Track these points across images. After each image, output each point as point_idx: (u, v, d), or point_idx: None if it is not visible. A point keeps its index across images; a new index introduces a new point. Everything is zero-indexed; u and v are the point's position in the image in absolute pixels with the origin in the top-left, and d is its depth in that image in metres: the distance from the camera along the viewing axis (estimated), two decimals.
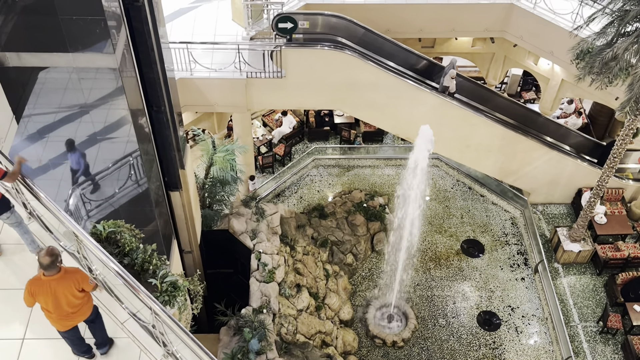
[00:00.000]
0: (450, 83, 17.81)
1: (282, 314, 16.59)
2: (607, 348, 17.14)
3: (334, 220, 20.01)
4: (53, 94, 10.55)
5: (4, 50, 9.68)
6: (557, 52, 17.94)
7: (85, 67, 10.18)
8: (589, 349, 17.10)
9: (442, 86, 17.97)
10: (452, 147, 18.83)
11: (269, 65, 16.63)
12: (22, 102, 10.16)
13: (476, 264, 19.64)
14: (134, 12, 10.33)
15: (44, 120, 10.71)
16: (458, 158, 20.42)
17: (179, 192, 13.84)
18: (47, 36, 9.72)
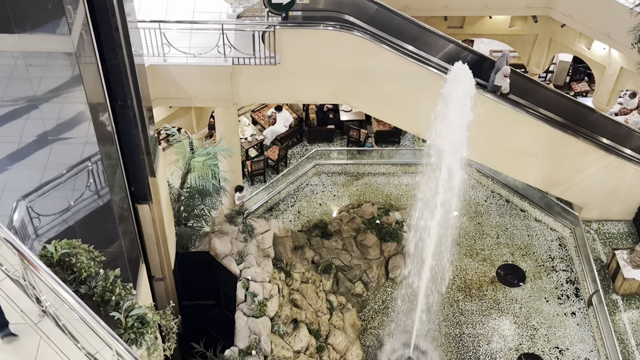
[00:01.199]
0: (504, 82, 17.88)
1: (276, 356, 16.57)
2: None
3: (340, 241, 20.00)
4: None
5: None
6: (614, 34, 18.00)
7: (34, 51, 10.21)
8: None
9: (492, 85, 18.01)
10: (486, 150, 18.74)
11: (259, 50, 16.65)
12: None
13: (515, 295, 19.61)
14: None
15: None
16: (493, 164, 20.40)
17: (149, 204, 13.87)
18: None
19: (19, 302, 8.27)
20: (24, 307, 8.23)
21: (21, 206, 11.00)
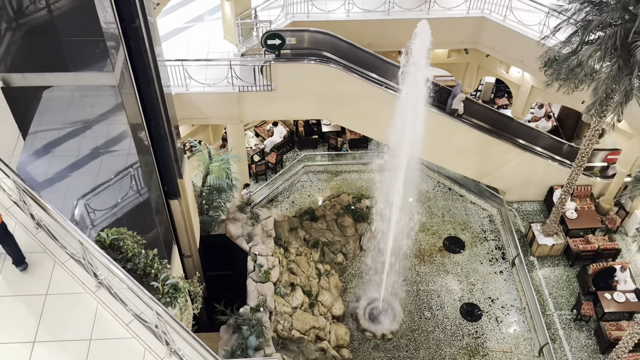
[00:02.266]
0: (459, 105, 18.01)
1: (278, 311, 16.59)
2: (581, 334, 17.26)
3: (324, 223, 20.03)
4: (57, 111, 10.54)
5: (10, 71, 9.67)
6: (526, 60, 18.06)
7: (86, 85, 10.19)
8: (565, 335, 17.22)
9: (450, 109, 18.13)
10: (433, 151, 18.79)
11: (259, 79, 16.65)
12: (27, 119, 10.15)
13: (457, 260, 19.72)
14: (131, 33, 10.35)
15: (49, 136, 10.69)
16: (438, 161, 20.49)
17: (178, 200, 13.85)
18: (50, 57, 9.72)
19: (81, 276, 8.27)
20: (84, 280, 8.22)
21: (80, 204, 11.00)
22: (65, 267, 8.30)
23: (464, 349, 17.42)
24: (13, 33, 9.36)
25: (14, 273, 8.21)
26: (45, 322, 7.76)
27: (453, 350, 17.39)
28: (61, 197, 10.89)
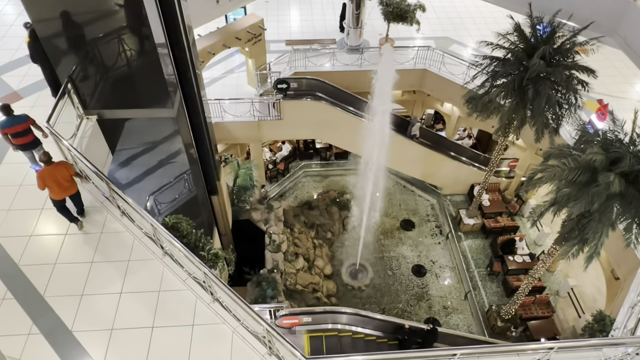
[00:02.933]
0: (417, 131, 18.27)
1: (286, 272, 16.73)
2: (493, 284, 17.46)
3: (318, 210, 20.15)
4: (134, 135, 10.66)
5: (103, 108, 9.78)
6: (454, 98, 18.16)
7: (154, 117, 10.31)
8: (482, 285, 17.42)
9: (410, 134, 18.31)
10: (393, 160, 18.74)
11: (272, 112, 16.78)
12: (114, 141, 10.24)
13: (410, 235, 19.83)
14: (185, 81, 10.46)
15: (130, 153, 10.81)
16: (397, 168, 20.50)
17: (217, 196, 13.94)
18: (130, 98, 9.84)
19: (152, 248, 8.37)
20: (154, 250, 8.33)
21: (151, 199, 11.11)
22: (142, 242, 8.43)
23: (414, 296, 17.57)
24: (105, 82, 9.47)
25: (107, 248, 8.31)
26: (128, 279, 7.89)
27: (407, 297, 17.54)
28: (137, 194, 11.00)
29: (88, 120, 9.83)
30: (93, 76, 9.35)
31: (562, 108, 13.05)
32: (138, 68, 9.42)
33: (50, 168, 7.89)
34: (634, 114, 10.44)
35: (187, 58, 10.17)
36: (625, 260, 12.97)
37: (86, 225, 8.55)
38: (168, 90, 9.64)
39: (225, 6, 14.28)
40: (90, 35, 8.84)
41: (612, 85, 17.97)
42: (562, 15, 13.22)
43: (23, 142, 8.83)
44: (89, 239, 8.38)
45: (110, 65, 9.27)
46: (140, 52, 9.22)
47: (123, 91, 9.67)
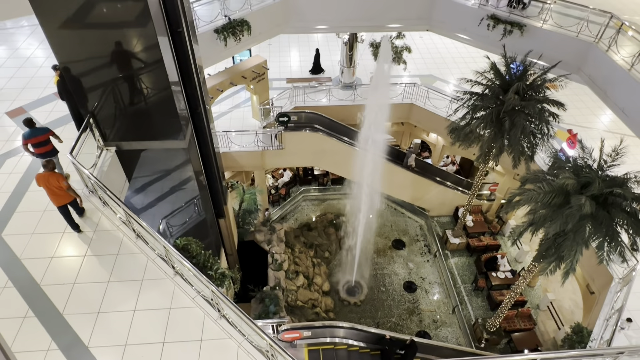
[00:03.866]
0: (413, 162, 18.43)
1: (288, 289, 16.51)
2: (478, 299, 17.22)
3: (316, 232, 20.05)
4: (149, 164, 10.64)
5: (121, 140, 9.82)
6: (439, 130, 18.35)
7: (167, 148, 10.34)
8: (468, 300, 17.17)
9: (406, 165, 18.50)
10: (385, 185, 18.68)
11: (274, 142, 16.84)
12: (131, 169, 10.24)
13: (401, 254, 19.69)
14: (195, 115, 10.56)
15: (145, 180, 10.78)
16: (388, 192, 20.53)
17: (224, 219, 13.87)
18: (146, 130, 9.87)
19: (164, 268, 8.27)
20: (166, 270, 8.23)
21: (163, 222, 11.02)
22: (155, 262, 8.33)
23: (406, 310, 17.33)
24: (124, 117, 9.55)
25: (122, 268, 8.22)
26: (142, 297, 7.77)
27: (399, 311, 17.30)
28: (151, 217, 10.92)
29: (107, 151, 9.87)
30: (113, 111, 9.43)
31: (535, 137, 13.18)
32: (154, 104, 9.51)
33: (46, 175, 8.18)
34: (600, 142, 10.55)
35: (198, 95, 10.31)
36: (599, 275, 12.86)
37: (103, 248, 8.46)
38: (181, 123, 9.71)
39: (232, 49, 14.51)
40: (110, 76, 8.96)
41: (579, 116, 18.23)
42: (533, 55, 13.53)
43: (44, 151, 9.29)
44: (106, 260, 8.29)
45: (129, 102, 9.37)
46: (155, 90, 9.33)
47: (140, 125, 9.73)
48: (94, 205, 9.11)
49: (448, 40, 19.61)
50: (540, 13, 14.56)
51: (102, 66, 8.83)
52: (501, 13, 14.89)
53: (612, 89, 12.71)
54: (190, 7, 10.16)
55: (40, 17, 8.01)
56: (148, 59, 8.86)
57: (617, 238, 9.71)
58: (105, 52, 8.65)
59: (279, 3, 15.39)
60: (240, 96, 19.83)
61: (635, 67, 11.89)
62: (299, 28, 16.56)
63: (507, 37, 14.69)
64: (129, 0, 8.22)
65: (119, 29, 8.53)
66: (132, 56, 8.78)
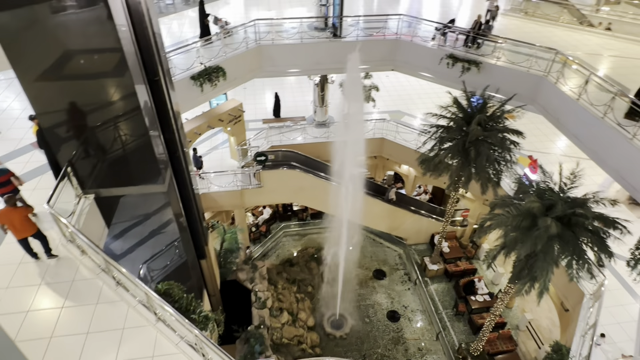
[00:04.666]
0: (393, 196, 18.82)
1: (272, 327, 16.00)
2: (460, 324, 17.08)
3: (298, 267, 19.75)
4: (129, 209, 10.37)
5: (100, 187, 9.58)
6: (410, 161, 18.71)
7: (147, 192, 10.16)
8: (450, 325, 17.01)
9: (387, 198, 18.79)
10: (363, 217, 18.66)
11: (253, 181, 16.78)
12: (110, 215, 9.95)
13: (382, 284, 19.53)
14: (174, 159, 10.48)
15: (124, 226, 10.48)
16: (366, 224, 20.41)
17: (205, 260, 13.55)
18: (124, 177, 9.71)
19: (145, 315, 7.93)
20: (148, 317, 7.89)
21: (144, 267, 10.65)
22: (135, 310, 7.97)
23: (391, 340, 17.01)
24: (102, 164, 9.37)
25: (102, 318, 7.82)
26: (123, 347, 7.36)
27: (384, 341, 16.96)
28: (131, 263, 10.54)
29: (86, 199, 9.60)
30: (91, 159, 9.26)
31: (500, 164, 13.62)
32: (132, 150, 9.41)
33: (7, 210, 8.08)
34: (559, 166, 11.00)
35: (176, 139, 10.28)
36: (571, 293, 13.06)
37: (82, 298, 8.06)
38: (160, 168, 9.61)
39: (208, 94, 14.66)
40: (88, 124, 8.87)
41: (538, 143, 19.04)
42: (491, 89, 14.19)
43: (4, 192, 9.06)
44: (85, 310, 7.88)
45: (107, 149, 9.24)
46: (134, 136, 9.26)
47: (118, 171, 9.57)
48: (73, 254, 8.74)
49: (412, 78, 20.39)
50: (493, 51, 15.44)
51: (80, 115, 8.74)
52: (458, 52, 15.70)
53: (564, 117, 13.41)
54: (166, 57, 10.30)
55: (17, 71, 7.93)
56: (126, 107, 8.83)
57: (584, 256, 9.95)
58: (83, 102, 8.59)
59: (252, 50, 15.80)
60: (218, 138, 19.85)
61: (583, 97, 12.63)
62: (272, 72, 16.95)
63: (466, 73, 15.42)
64: (107, 52, 8.28)
65: (97, 79, 8.53)
66: (110, 105, 8.75)
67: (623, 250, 9.56)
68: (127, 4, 8.27)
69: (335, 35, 16.84)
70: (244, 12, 20.42)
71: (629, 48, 17.48)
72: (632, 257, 8.25)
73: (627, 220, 10.00)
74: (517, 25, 19.98)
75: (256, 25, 15.92)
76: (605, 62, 16.32)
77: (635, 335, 8.14)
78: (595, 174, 15.46)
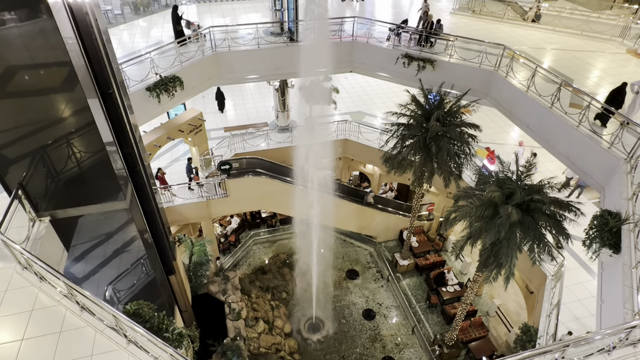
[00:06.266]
0: (372, 200, 19.12)
1: (249, 337, 15.74)
2: (433, 315, 17.50)
3: (271, 274, 19.56)
4: (89, 229, 9.89)
5: (55, 208, 9.07)
6: (374, 160, 18.97)
7: (108, 210, 9.73)
8: (425, 318, 17.39)
9: (366, 202, 19.10)
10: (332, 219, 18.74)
11: (219, 191, 16.49)
12: (69, 237, 9.44)
13: (356, 283, 19.64)
14: (134, 174, 10.12)
15: (85, 247, 9.98)
16: (336, 224, 20.46)
17: (175, 275, 13.15)
18: (82, 196, 9.25)
19: (115, 338, 7.56)
20: (118, 340, 7.53)
21: (109, 288, 10.19)
22: (104, 334, 7.57)
23: (369, 339, 17.14)
24: (57, 184, 8.89)
25: (67, 346, 7.37)
26: None
27: (362, 340, 17.07)
28: (95, 285, 10.05)
29: (41, 222, 9.05)
30: (44, 180, 8.76)
31: (460, 158, 14.09)
32: (89, 167, 8.99)
33: None
34: (515, 156, 11.52)
35: (135, 153, 9.92)
36: (535, 276, 13.68)
37: (43, 327, 7.58)
38: (119, 184, 9.24)
39: (166, 104, 14.26)
40: (39, 143, 8.39)
41: (494, 135, 19.85)
42: (446, 86, 14.69)
43: None
44: (48, 340, 7.40)
45: (61, 168, 8.77)
46: (90, 153, 8.85)
47: (75, 190, 9.10)
48: (30, 282, 8.21)
49: (371, 78, 20.74)
50: (446, 49, 15.98)
51: (29, 134, 8.25)
52: (413, 52, 16.14)
53: (516, 108, 14.07)
54: (119, 68, 9.93)
55: None
56: (79, 123, 8.43)
57: (544, 239, 10.46)
58: (32, 120, 8.11)
59: (208, 58, 15.53)
60: (179, 149, 19.35)
61: (531, 89, 13.30)
62: (230, 79, 16.73)
63: (422, 71, 15.86)
64: (54, 66, 7.87)
65: (46, 94, 8.09)
66: (62, 121, 8.31)
67: (578, 231, 10.12)
68: (73, 16, 7.90)
69: (292, 39, 16.86)
70: (198, 20, 20.04)
71: (569, 41, 18.61)
72: (587, 237, 8.76)
73: (580, 203, 10.60)
74: (466, 23, 20.79)
75: (211, 32, 15.67)
76: (548, 55, 17.29)
77: (595, 311, 8.64)
78: (547, 160, 16.28)
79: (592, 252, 8.62)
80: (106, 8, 21.69)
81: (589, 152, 11.19)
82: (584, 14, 20.37)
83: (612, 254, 8.27)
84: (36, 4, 7.21)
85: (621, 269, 7.78)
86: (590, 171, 11.28)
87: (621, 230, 8.35)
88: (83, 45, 8.14)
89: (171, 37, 17.53)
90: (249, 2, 24.86)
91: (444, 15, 21.44)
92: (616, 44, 18.26)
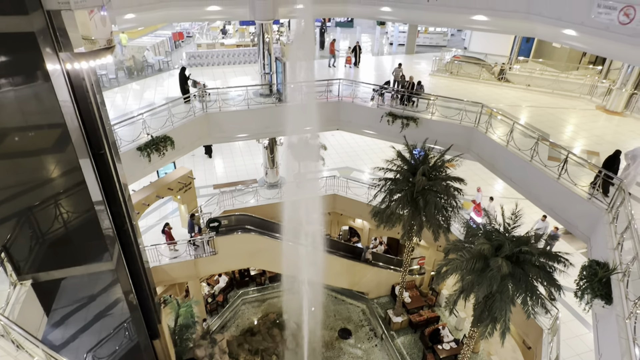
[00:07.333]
0: (370, 256, 19.07)
1: None
2: None
3: (260, 335, 18.72)
4: (71, 291, 9.53)
5: (38, 271, 8.79)
6: (363, 215, 19.06)
7: (92, 272, 9.45)
8: None
9: (364, 259, 18.95)
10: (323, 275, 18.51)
11: (207, 249, 16.22)
12: (50, 301, 9.05)
13: (349, 342, 18.90)
14: (122, 233, 9.98)
15: (66, 311, 9.54)
16: (326, 281, 19.96)
17: (159, 339, 12.53)
18: (66, 257, 9.02)
19: None
20: None
21: (89, 356, 9.62)
22: None
23: None
24: (41, 246, 8.69)
25: None
26: None
27: None
28: (74, 352, 9.48)
29: (22, 285, 8.72)
30: (28, 242, 8.56)
31: (447, 211, 14.27)
32: (76, 228, 8.85)
33: None
34: (501, 208, 11.74)
35: (124, 212, 9.85)
36: (531, 330, 13.37)
37: None
38: (106, 244, 9.06)
39: (156, 163, 14.41)
40: (25, 204, 8.31)
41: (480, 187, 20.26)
42: (430, 142, 15.23)
43: None
44: None
45: (47, 229, 8.62)
46: (78, 213, 8.77)
47: (60, 252, 8.88)
48: (5, 351, 7.74)
49: (357, 135, 21.39)
50: (427, 108, 16.77)
51: (16, 195, 8.19)
52: (396, 110, 16.88)
53: (498, 162, 14.55)
54: (111, 129, 10.14)
55: None
56: (69, 183, 8.43)
57: (536, 291, 10.38)
58: (21, 181, 8.10)
59: (199, 118, 15.98)
60: (167, 207, 19.23)
61: (511, 143, 13.87)
62: (221, 138, 17.12)
63: (406, 128, 16.49)
64: (48, 128, 8.02)
65: (35, 156, 8.15)
66: (51, 181, 8.31)
67: (569, 282, 10.10)
68: (70, 81, 8.20)
69: (280, 100, 17.55)
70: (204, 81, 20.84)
71: (542, 98, 19.74)
72: (578, 288, 8.75)
73: (568, 253, 10.69)
74: (445, 83, 22.00)
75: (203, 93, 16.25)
76: (524, 112, 18.22)
77: None
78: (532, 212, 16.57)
79: (585, 304, 8.57)
80: (101, 72, 22.50)
81: (571, 203, 11.47)
82: (553, 74, 21.80)
83: (604, 305, 8.22)
84: (35, 69, 7.50)
85: (615, 320, 7.71)
86: (574, 222, 11.49)
87: (611, 280, 8.38)
88: (78, 108, 8.37)
89: (163, 100, 18.10)
90: (239, 66, 26.10)
91: (424, 77, 22.69)
92: (585, 100, 19.42)
